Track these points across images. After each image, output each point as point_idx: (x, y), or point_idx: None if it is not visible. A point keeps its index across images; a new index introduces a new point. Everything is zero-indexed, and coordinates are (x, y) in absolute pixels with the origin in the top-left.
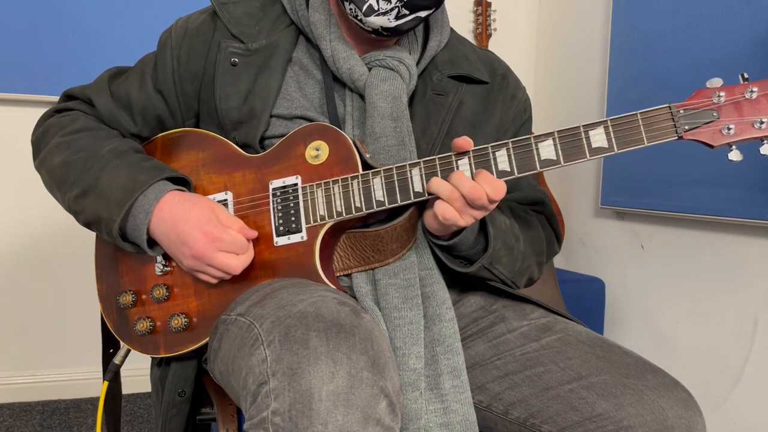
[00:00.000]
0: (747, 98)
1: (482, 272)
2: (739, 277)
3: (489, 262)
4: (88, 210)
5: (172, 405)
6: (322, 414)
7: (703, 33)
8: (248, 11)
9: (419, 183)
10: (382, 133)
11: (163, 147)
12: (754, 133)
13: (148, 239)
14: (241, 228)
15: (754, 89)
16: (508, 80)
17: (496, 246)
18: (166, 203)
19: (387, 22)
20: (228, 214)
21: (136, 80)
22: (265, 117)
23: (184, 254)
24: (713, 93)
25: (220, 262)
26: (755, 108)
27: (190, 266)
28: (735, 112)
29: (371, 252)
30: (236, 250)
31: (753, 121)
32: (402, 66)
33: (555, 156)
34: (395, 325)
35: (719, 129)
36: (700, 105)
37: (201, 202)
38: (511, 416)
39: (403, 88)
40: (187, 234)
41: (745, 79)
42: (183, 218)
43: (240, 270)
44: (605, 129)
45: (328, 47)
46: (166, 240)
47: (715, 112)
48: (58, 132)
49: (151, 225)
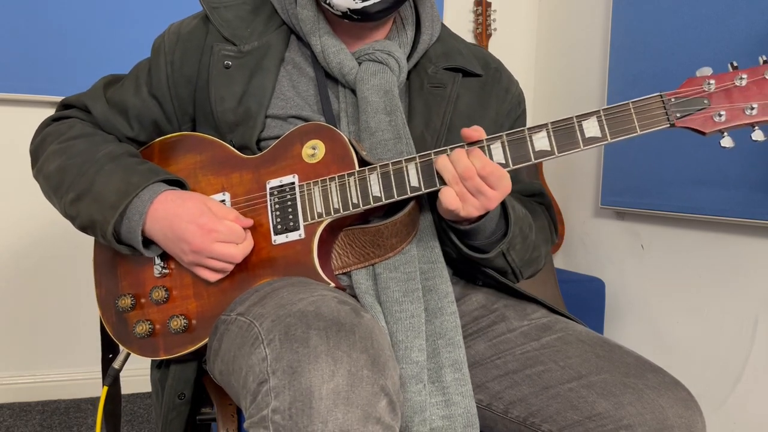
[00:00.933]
0: (737, 85)
1: (498, 259)
2: (739, 277)
3: (506, 248)
4: (83, 214)
5: (172, 408)
6: (322, 412)
7: (703, 33)
8: (239, 14)
9: (415, 178)
10: (378, 128)
11: (161, 151)
12: (745, 119)
13: (144, 240)
14: (236, 217)
15: (743, 76)
16: (501, 74)
17: (515, 231)
18: (159, 203)
19: (353, 3)
20: (221, 206)
21: (131, 86)
22: (261, 118)
23: (183, 250)
24: (703, 81)
25: (219, 252)
26: (745, 94)
27: (190, 261)
28: (726, 99)
29: (371, 248)
30: (233, 239)
31: (744, 107)
32: (391, 59)
33: (549, 147)
34: (396, 318)
35: (710, 116)
36: (690, 93)
37: (193, 198)
38: (511, 415)
39: (394, 81)
40: (182, 230)
41: (734, 67)
42: (177, 215)
43: (241, 258)
44: (598, 119)
45: (317, 43)
46: (164, 239)
47: (706, 100)
48: (55, 140)
49: (146, 226)
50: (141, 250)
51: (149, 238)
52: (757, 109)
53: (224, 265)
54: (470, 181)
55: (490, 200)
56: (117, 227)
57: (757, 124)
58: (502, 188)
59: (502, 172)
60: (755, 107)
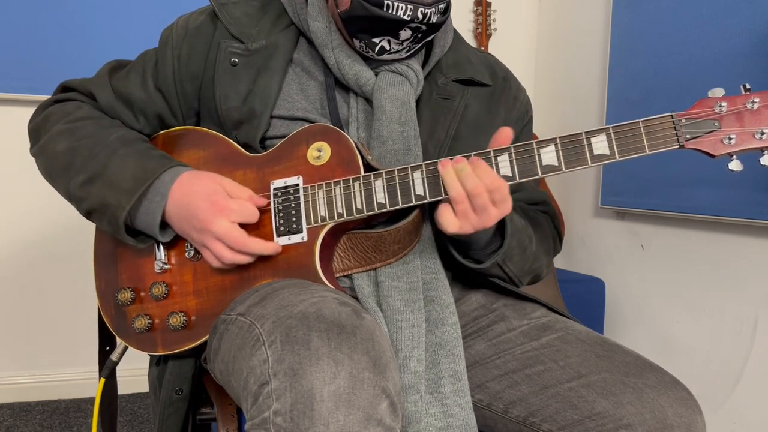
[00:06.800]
0: (748, 108)
1: (493, 269)
2: (739, 277)
3: (502, 260)
4: (94, 197)
5: (169, 403)
6: (323, 414)
7: (703, 33)
8: (248, 11)
9: (421, 186)
10: (389, 137)
11: (165, 144)
12: (755, 143)
13: (161, 222)
14: (250, 196)
15: (755, 100)
16: (509, 83)
17: (511, 244)
18: (178, 183)
19: (398, 56)
20: (235, 184)
21: (137, 78)
22: (266, 118)
23: (194, 227)
24: (715, 103)
25: (223, 233)
26: (757, 118)
27: (197, 240)
28: (736, 122)
29: (373, 252)
30: (246, 218)
31: (754, 131)
32: (410, 71)
33: (557, 162)
34: (397, 327)
35: (720, 139)
36: (701, 114)
37: (208, 176)
38: (511, 415)
39: (412, 93)
40: (195, 207)
41: (747, 90)
42: (191, 192)
43: (243, 246)
44: (607, 136)
45: (331, 55)
46: (178, 218)
47: (716, 122)
48: (60, 119)
49: (167, 207)
50: (156, 234)
51: (165, 221)
52: (767, 134)
53: (224, 250)
54: (479, 198)
55: (490, 218)
56: (133, 212)
57: (766, 149)
58: (503, 208)
59: (507, 193)
60: (766, 132)
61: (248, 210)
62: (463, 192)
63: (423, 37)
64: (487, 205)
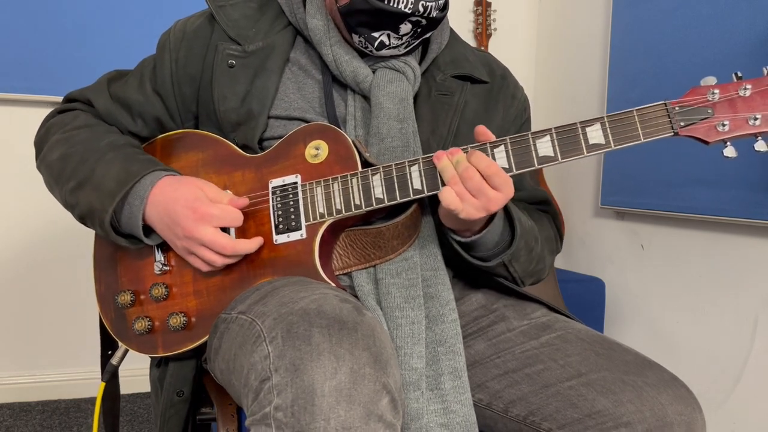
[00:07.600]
0: (741, 95)
1: (498, 269)
2: (739, 277)
3: (509, 260)
4: (83, 202)
5: (170, 405)
6: (324, 409)
7: (703, 33)
8: (245, 13)
9: (418, 180)
10: (388, 134)
11: (163, 148)
12: (749, 129)
13: (144, 227)
14: (231, 200)
15: (747, 86)
16: (507, 80)
17: (519, 245)
18: (158, 188)
19: (396, 51)
20: (216, 189)
21: (135, 82)
22: (263, 118)
23: (177, 235)
24: (708, 90)
25: (209, 239)
26: (749, 105)
27: (183, 248)
28: (729, 109)
29: (372, 249)
30: (229, 222)
31: (747, 117)
32: (408, 68)
33: (552, 152)
34: (396, 324)
35: (714, 125)
36: (695, 102)
37: (189, 182)
38: (511, 414)
39: (409, 90)
40: (176, 213)
41: (738, 78)
42: (173, 199)
43: (231, 250)
44: (602, 125)
45: (329, 52)
46: (161, 224)
47: (709, 109)
48: (58, 130)
49: (146, 211)
50: (141, 237)
51: (149, 225)
52: (760, 119)
53: (214, 256)
54: (470, 181)
55: (491, 201)
56: (117, 215)
57: (760, 135)
58: (506, 191)
59: (507, 176)
60: (759, 117)
61: (230, 214)
62: (455, 174)
63: (422, 33)
64: (483, 187)
